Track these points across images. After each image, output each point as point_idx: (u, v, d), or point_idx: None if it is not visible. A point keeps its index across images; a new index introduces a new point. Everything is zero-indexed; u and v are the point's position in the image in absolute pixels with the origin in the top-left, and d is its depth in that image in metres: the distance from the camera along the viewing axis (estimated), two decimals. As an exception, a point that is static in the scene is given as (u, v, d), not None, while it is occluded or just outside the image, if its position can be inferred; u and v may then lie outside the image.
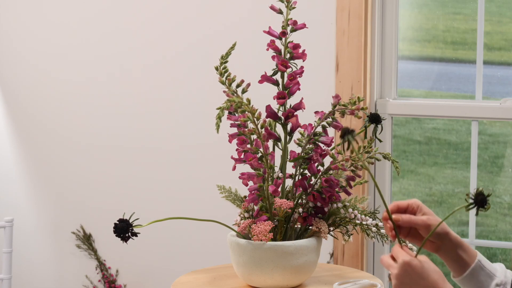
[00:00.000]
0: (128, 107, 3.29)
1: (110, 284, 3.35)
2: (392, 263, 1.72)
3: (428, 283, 1.70)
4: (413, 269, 1.69)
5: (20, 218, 3.45)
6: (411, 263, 1.70)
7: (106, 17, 3.29)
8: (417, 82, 3.47)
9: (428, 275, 1.70)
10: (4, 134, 3.47)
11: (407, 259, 1.70)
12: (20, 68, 3.42)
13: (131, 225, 1.97)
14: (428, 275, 1.70)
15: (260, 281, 2.11)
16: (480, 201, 1.67)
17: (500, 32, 3.50)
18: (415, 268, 1.69)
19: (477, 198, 1.67)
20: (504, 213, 4.51)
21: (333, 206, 2.15)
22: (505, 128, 4.69)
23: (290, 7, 2.20)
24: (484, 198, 1.67)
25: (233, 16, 3.14)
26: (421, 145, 4.75)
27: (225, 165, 2.54)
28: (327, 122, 2.15)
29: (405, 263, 1.69)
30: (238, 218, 2.17)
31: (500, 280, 1.79)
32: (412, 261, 1.70)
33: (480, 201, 1.67)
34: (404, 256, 1.70)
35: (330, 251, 3.07)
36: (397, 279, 1.71)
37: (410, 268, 1.69)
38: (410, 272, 1.69)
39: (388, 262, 1.73)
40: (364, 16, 2.98)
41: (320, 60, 3.03)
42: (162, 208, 3.27)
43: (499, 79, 3.29)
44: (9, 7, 3.40)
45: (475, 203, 1.67)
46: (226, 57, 2.15)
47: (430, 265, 1.72)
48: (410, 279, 1.70)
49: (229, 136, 2.13)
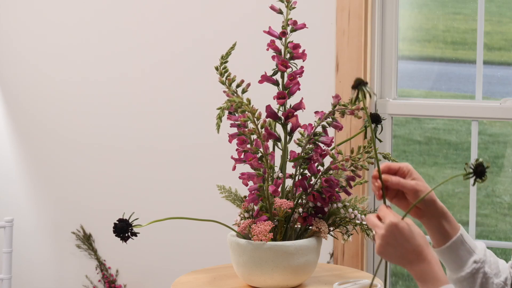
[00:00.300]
0: (128, 107, 3.29)
1: (110, 284, 3.35)
2: (378, 223, 1.70)
3: (412, 246, 1.68)
4: (399, 231, 1.67)
5: (20, 218, 3.45)
6: (399, 225, 1.67)
7: (106, 18, 3.29)
8: (417, 82, 3.47)
9: (413, 238, 1.68)
10: (4, 134, 3.46)
11: (395, 220, 1.67)
12: (20, 68, 3.42)
13: (131, 225, 1.97)
14: (413, 238, 1.68)
15: (260, 281, 2.11)
16: (480, 172, 1.67)
17: (500, 32, 3.50)
18: (401, 230, 1.67)
19: (477, 168, 1.67)
20: (504, 213, 4.51)
21: (333, 206, 2.15)
22: (505, 128, 4.69)
23: (290, 7, 2.20)
24: (483, 170, 1.67)
25: (233, 16, 3.14)
26: (421, 145, 4.75)
27: (225, 165, 2.54)
28: (327, 122, 2.15)
29: (393, 224, 1.67)
30: (238, 218, 2.17)
31: (479, 257, 1.78)
32: (399, 223, 1.68)
33: (480, 172, 1.67)
34: (392, 217, 1.68)
35: (330, 251, 3.07)
36: (382, 240, 1.69)
37: (396, 230, 1.67)
38: (396, 233, 1.67)
39: (374, 221, 1.71)
40: (364, 16, 2.98)
41: (320, 60, 3.03)
42: (162, 208, 3.27)
43: (499, 79, 3.29)
44: (9, 7, 3.40)
45: (474, 173, 1.67)
46: (226, 57, 2.15)
47: (416, 229, 1.70)
48: (395, 241, 1.68)
49: (229, 136, 2.13)
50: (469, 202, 3.02)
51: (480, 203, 4.45)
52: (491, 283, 1.79)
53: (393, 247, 1.69)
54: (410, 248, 1.68)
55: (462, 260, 1.78)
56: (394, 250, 1.69)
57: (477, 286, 1.78)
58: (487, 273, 1.78)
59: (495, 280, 1.79)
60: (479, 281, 1.78)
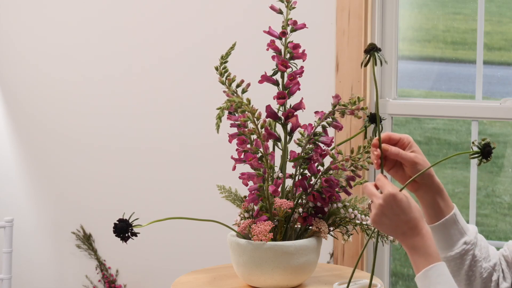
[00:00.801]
0: (128, 107, 3.29)
1: (110, 284, 3.35)
2: (376, 192, 1.69)
3: (408, 218, 1.67)
4: (397, 202, 1.67)
5: (20, 218, 3.45)
6: (397, 196, 1.67)
7: (106, 17, 3.29)
8: (417, 82, 3.47)
9: (410, 210, 1.68)
10: (4, 134, 3.46)
11: (394, 191, 1.67)
12: (20, 68, 3.42)
13: (131, 225, 1.97)
14: (410, 210, 1.68)
15: (260, 281, 2.11)
16: (487, 152, 1.65)
17: (500, 32, 3.50)
18: (399, 202, 1.67)
19: (484, 148, 1.65)
20: (504, 213, 4.51)
21: (333, 206, 2.15)
22: (505, 128, 4.68)
23: (290, 7, 2.20)
24: (490, 150, 1.65)
25: (233, 16, 3.14)
26: (421, 145, 4.74)
27: (225, 165, 2.54)
28: (327, 122, 2.15)
29: (391, 194, 1.67)
30: (238, 218, 2.17)
31: (470, 239, 1.77)
32: (398, 194, 1.67)
33: (487, 152, 1.65)
34: (390, 187, 1.67)
35: (330, 251, 3.07)
36: (379, 209, 1.68)
37: (394, 201, 1.67)
38: (393, 204, 1.67)
39: (371, 190, 1.70)
40: (364, 16, 2.98)
41: (320, 60, 3.03)
42: (162, 208, 3.27)
43: (499, 79, 3.29)
44: (9, 7, 3.40)
45: (481, 153, 1.66)
46: (226, 57, 2.15)
47: (413, 202, 1.69)
48: (392, 212, 1.67)
49: (229, 136, 2.13)
50: (469, 202, 3.02)
51: (480, 203, 4.44)
52: (479, 266, 1.78)
53: (389, 217, 1.68)
54: (405, 219, 1.68)
55: (452, 239, 1.76)
56: (389, 221, 1.68)
57: (465, 267, 1.77)
58: (476, 256, 1.77)
59: (483, 264, 1.78)
60: (468, 263, 1.77)
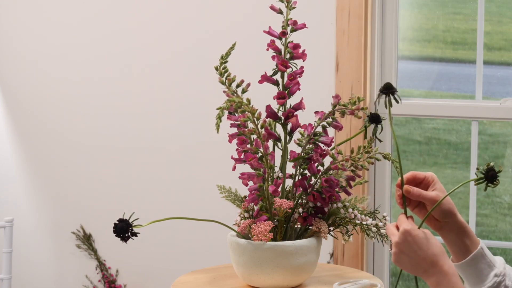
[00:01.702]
0: (128, 107, 3.29)
1: (110, 284, 3.35)
2: (395, 231, 1.69)
3: (426, 254, 1.66)
4: (413, 238, 1.66)
5: (20, 218, 3.45)
6: (412, 232, 1.66)
7: (106, 17, 3.29)
8: (417, 82, 3.47)
9: (428, 247, 1.66)
10: (4, 134, 3.46)
11: (408, 227, 1.66)
12: (20, 68, 3.42)
13: (131, 225, 1.97)
14: (428, 247, 1.66)
15: (260, 281, 2.11)
16: (491, 176, 1.65)
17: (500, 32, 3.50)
18: (415, 238, 1.66)
19: (487, 173, 1.65)
20: (504, 213, 4.51)
21: (333, 206, 2.15)
22: (505, 128, 4.68)
23: (290, 7, 2.20)
24: (494, 174, 1.65)
25: (233, 16, 3.14)
26: (421, 145, 4.74)
27: (225, 165, 2.53)
28: (327, 122, 2.15)
29: (406, 231, 1.66)
30: (238, 218, 2.17)
31: (500, 271, 1.77)
32: (413, 230, 1.66)
33: (491, 176, 1.65)
34: (406, 224, 1.67)
35: (330, 251, 3.07)
36: (396, 247, 1.67)
37: (410, 237, 1.66)
38: (410, 241, 1.66)
39: (391, 230, 1.70)
40: (364, 16, 2.98)
41: (320, 60, 3.03)
42: (162, 208, 3.27)
43: (499, 79, 3.29)
44: (9, 7, 3.40)
45: (485, 178, 1.65)
46: (226, 57, 2.15)
47: (432, 238, 1.67)
48: (409, 248, 1.66)
49: (229, 136, 2.13)
50: (469, 202, 3.02)
51: (480, 203, 4.44)
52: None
53: (406, 254, 1.67)
54: (423, 256, 1.66)
55: (483, 273, 1.76)
56: (408, 258, 1.67)
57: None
58: (508, 286, 1.77)
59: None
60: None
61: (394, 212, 3.18)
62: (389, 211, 3.06)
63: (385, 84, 1.67)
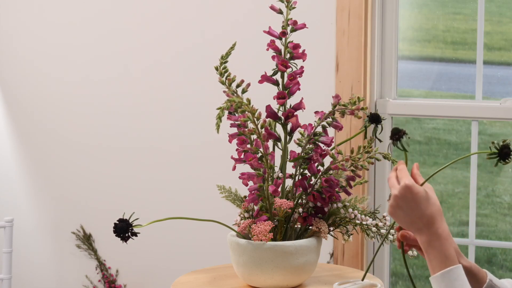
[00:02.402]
0: (128, 107, 3.29)
1: (110, 284, 3.35)
2: (396, 183, 1.66)
3: (423, 213, 1.63)
4: (413, 195, 1.63)
5: (20, 218, 3.45)
6: (413, 188, 1.63)
7: (106, 18, 3.29)
8: (417, 82, 3.47)
9: (426, 207, 1.63)
10: (4, 134, 3.46)
11: (410, 183, 1.63)
12: (20, 68, 3.42)
13: (131, 225, 1.97)
14: (426, 207, 1.63)
15: (260, 281, 2.11)
16: (504, 153, 1.63)
17: (500, 32, 3.50)
18: (415, 195, 1.63)
19: (502, 149, 1.63)
20: (504, 213, 4.50)
21: (333, 206, 2.15)
22: (505, 128, 4.68)
23: (290, 7, 2.20)
24: (508, 152, 1.62)
25: (233, 16, 3.14)
26: (421, 145, 4.74)
27: (225, 165, 2.53)
28: (327, 122, 2.15)
29: (407, 186, 1.63)
30: (238, 218, 2.17)
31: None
32: (414, 186, 1.62)
33: (504, 153, 1.63)
34: (408, 179, 1.63)
35: (330, 251, 3.07)
36: (394, 200, 1.64)
37: (409, 193, 1.63)
38: (409, 197, 1.63)
39: (392, 181, 1.67)
40: (364, 16, 2.98)
41: (320, 60, 3.03)
42: (162, 208, 3.27)
43: (499, 79, 3.28)
44: (9, 7, 3.40)
45: (498, 153, 1.63)
46: (226, 57, 2.15)
47: (433, 197, 1.64)
48: (407, 205, 1.63)
49: (229, 136, 2.13)
50: (469, 202, 3.02)
51: (480, 203, 4.44)
52: None
53: (403, 210, 1.64)
54: (420, 215, 1.63)
55: None
56: (404, 214, 1.64)
57: None
58: None
59: None
60: None
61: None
62: (389, 211, 3.06)
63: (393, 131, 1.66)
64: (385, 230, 2.13)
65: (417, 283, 4.19)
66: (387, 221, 2.15)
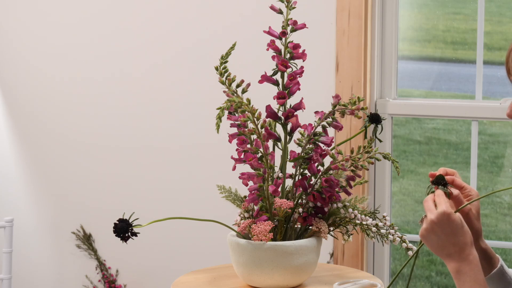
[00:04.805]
0: (128, 107, 3.30)
1: (110, 284, 3.35)
2: (433, 207, 1.67)
3: (457, 241, 1.65)
4: (450, 222, 1.65)
5: (20, 218, 3.45)
6: (451, 216, 1.65)
7: (106, 17, 3.29)
8: (417, 82, 3.47)
9: (461, 234, 1.65)
10: (4, 134, 3.47)
11: (449, 210, 1.65)
12: (20, 68, 3.42)
13: (131, 225, 1.97)
14: (461, 234, 1.65)
15: (260, 281, 2.11)
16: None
17: (500, 32, 3.50)
18: (451, 223, 1.65)
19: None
20: (504, 213, 4.51)
21: (333, 206, 2.15)
22: (505, 128, 4.69)
23: (290, 7, 2.20)
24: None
25: (233, 16, 3.14)
26: (421, 145, 4.74)
27: (225, 165, 2.54)
28: (327, 122, 2.15)
29: (446, 213, 1.65)
30: (238, 218, 2.17)
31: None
32: (452, 214, 1.65)
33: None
34: (446, 206, 1.66)
35: (330, 251, 3.07)
36: (429, 225, 1.66)
37: (447, 220, 1.65)
38: (445, 224, 1.65)
39: (429, 205, 1.68)
40: (364, 16, 2.98)
41: (320, 60, 3.03)
42: (162, 208, 3.27)
43: (499, 79, 3.29)
44: (9, 7, 3.40)
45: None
46: (226, 57, 2.15)
47: (466, 227, 1.67)
48: (442, 231, 1.65)
49: (229, 136, 2.13)
50: (469, 202, 3.02)
51: (480, 203, 4.45)
52: None
53: (437, 235, 1.66)
54: (453, 241, 1.65)
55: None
56: (437, 239, 1.66)
57: None
58: None
59: None
60: None
61: (394, 212, 3.18)
62: (389, 211, 3.06)
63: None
64: (385, 230, 2.13)
65: (417, 283, 4.19)
66: (387, 221, 2.15)
